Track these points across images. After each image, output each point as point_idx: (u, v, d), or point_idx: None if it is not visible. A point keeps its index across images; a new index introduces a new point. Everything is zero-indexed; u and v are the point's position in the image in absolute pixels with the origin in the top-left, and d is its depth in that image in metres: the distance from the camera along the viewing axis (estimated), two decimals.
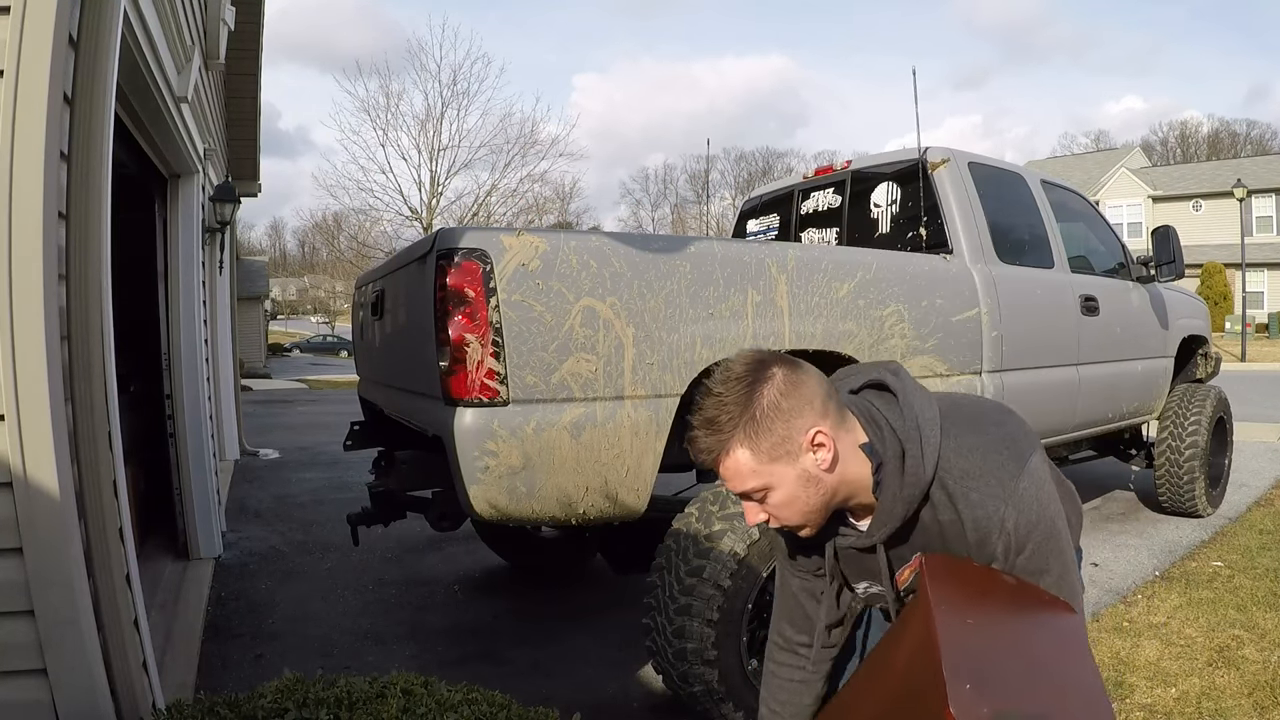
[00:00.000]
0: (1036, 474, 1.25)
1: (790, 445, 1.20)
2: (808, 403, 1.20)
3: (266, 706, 1.54)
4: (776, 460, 1.20)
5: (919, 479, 1.24)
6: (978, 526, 1.23)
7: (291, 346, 40.94)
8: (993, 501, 1.22)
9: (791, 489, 1.23)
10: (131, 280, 3.87)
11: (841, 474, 1.25)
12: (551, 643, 3.44)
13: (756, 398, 1.18)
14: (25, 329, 1.63)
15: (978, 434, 1.27)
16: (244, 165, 8.94)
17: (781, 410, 1.19)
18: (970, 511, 1.23)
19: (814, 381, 1.23)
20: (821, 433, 1.21)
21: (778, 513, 1.27)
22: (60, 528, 1.69)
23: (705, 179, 53.83)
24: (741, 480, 1.23)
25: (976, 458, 1.24)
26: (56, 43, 1.65)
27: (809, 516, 1.28)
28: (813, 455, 1.21)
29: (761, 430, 1.19)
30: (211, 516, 4.46)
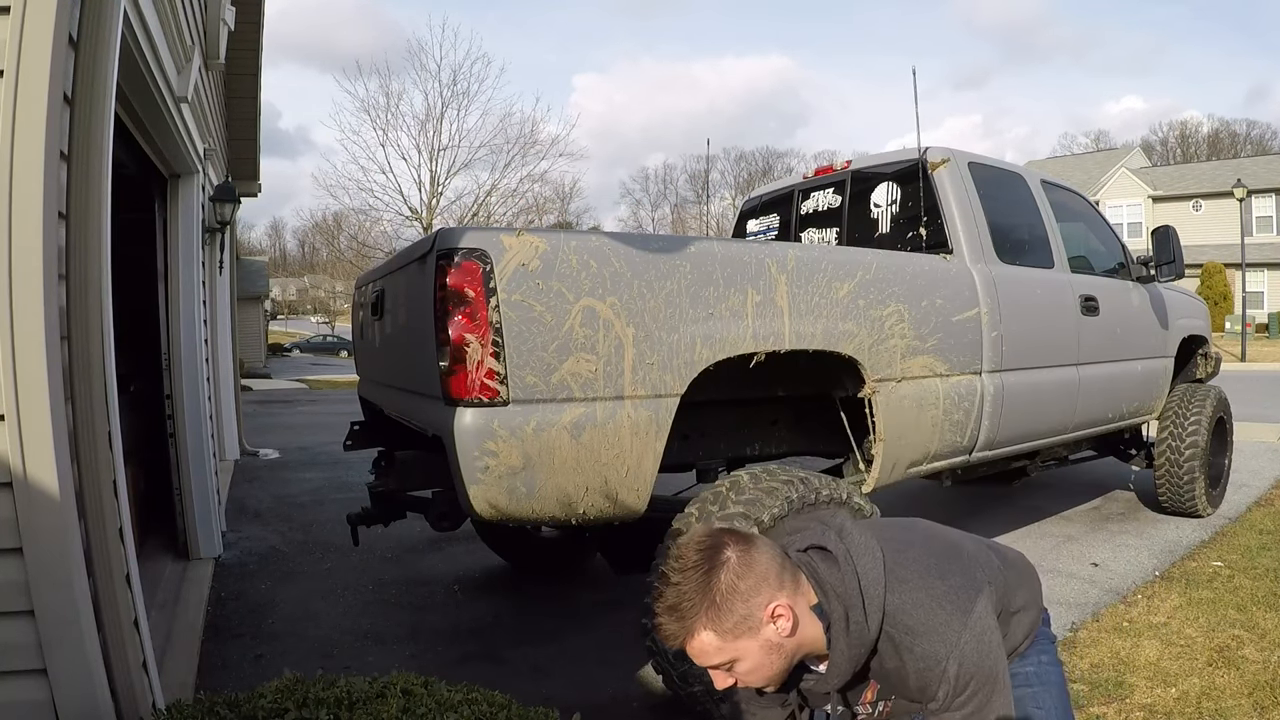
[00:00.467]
0: (979, 625, 1.32)
1: (751, 621, 1.28)
2: (763, 580, 1.29)
3: (266, 706, 1.54)
4: (740, 637, 1.28)
5: (864, 639, 1.32)
6: (921, 676, 1.32)
7: (291, 346, 40.92)
8: (935, 654, 1.30)
9: (756, 658, 1.30)
10: (131, 280, 3.87)
11: (800, 636, 1.33)
12: (551, 643, 3.44)
13: (714, 584, 1.26)
14: (25, 329, 1.63)
15: (923, 589, 1.34)
16: (244, 165, 8.94)
17: (739, 591, 1.26)
18: (915, 664, 1.31)
19: (766, 557, 1.31)
20: (780, 605, 1.29)
21: (745, 679, 1.34)
22: (60, 528, 1.69)
23: (705, 179, 53.87)
24: (708, 658, 1.30)
25: (921, 614, 1.32)
26: (56, 43, 1.65)
27: (773, 679, 1.36)
28: (773, 625, 1.29)
29: (723, 613, 1.26)
30: (211, 516, 4.46)
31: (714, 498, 2.58)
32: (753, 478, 2.63)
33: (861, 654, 1.33)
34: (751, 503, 2.51)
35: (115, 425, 2.04)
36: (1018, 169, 4.30)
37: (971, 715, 1.33)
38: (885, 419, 3.05)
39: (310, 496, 6.37)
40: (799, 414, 3.41)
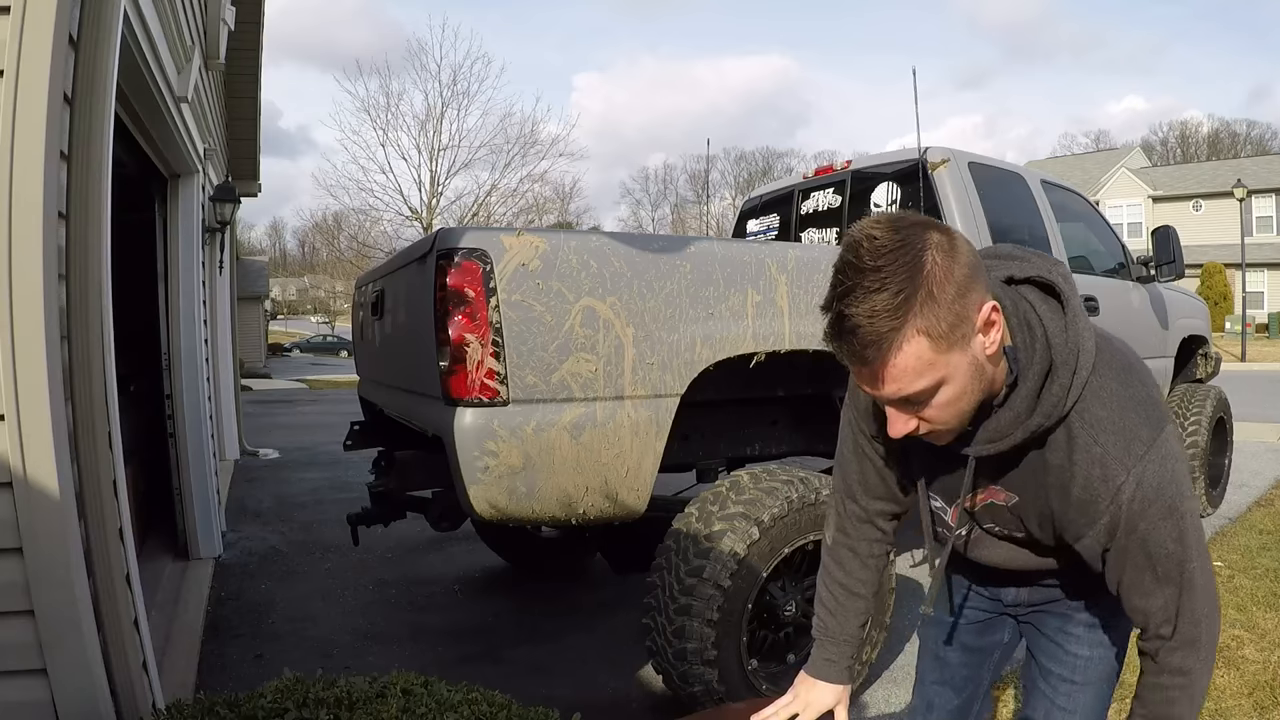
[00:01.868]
0: (1169, 448, 1.04)
1: (965, 327, 0.93)
2: (974, 271, 0.94)
3: (266, 706, 1.54)
4: (953, 347, 0.93)
5: (1053, 411, 1.02)
6: (1088, 486, 1.04)
7: (291, 346, 40.94)
8: (1114, 464, 1.02)
9: (963, 382, 0.97)
10: (131, 280, 3.87)
11: (997, 368, 1.01)
12: (551, 642, 3.44)
13: (925, 272, 0.90)
14: (25, 329, 1.63)
15: (1124, 384, 1.06)
16: (244, 165, 8.94)
17: (955, 282, 0.91)
18: (1086, 467, 1.03)
19: (971, 250, 0.97)
20: (995, 308, 0.96)
21: (936, 416, 1.00)
22: (60, 528, 1.69)
23: (705, 179, 53.85)
24: (910, 380, 0.94)
25: (1114, 408, 1.04)
26: (56, 43, 1.65)
27: (964, 418, 1.03)
28: (984, 337, 0.96)
29: (940, 309, 0.90)
30: (211, 516, 4.46)
31: (714, 498, 2.58)
32: (753, 478, 2.63)
33: (1040, 427, 1.03)
34: (751, 503, 2.51)
35: (115, 425, 2.04)
36: (1018, 169, 4.30)
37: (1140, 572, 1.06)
38: None
39: (310, 496, 6.37)
40: (799, 414, 3.40)
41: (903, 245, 0.90)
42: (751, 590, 2.48)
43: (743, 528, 2.45)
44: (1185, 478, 1.06)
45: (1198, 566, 1.06)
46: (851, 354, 0.94)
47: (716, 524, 2.48)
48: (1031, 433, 1.04)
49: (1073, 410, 1.04)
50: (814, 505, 2.58)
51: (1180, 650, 1.08)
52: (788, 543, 2.55)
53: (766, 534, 2.48)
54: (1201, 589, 1.07)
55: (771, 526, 2.49)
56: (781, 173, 48.46)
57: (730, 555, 2.42)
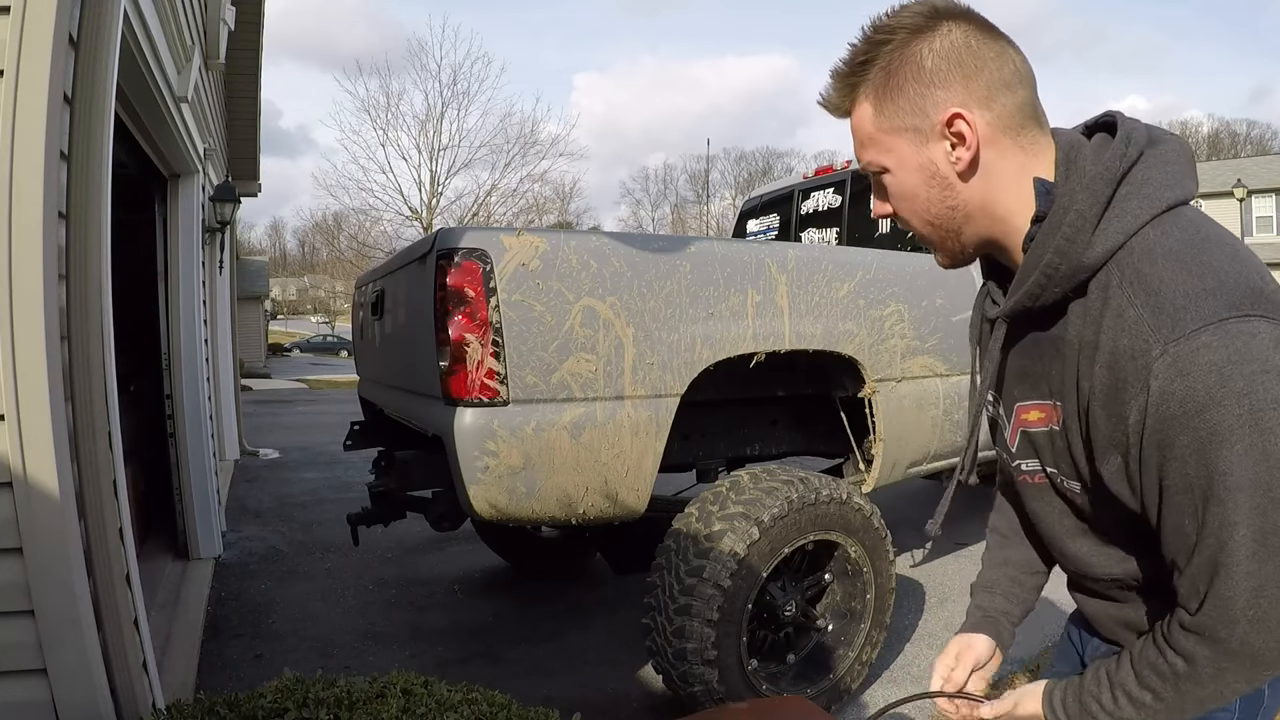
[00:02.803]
0: (1251, 343, 0.74)
1: (920, 120, 0.88)
2: (964, 77, 0.87)
3: (266, 706, 1.54)
4: (898, 132, 0.90)
5: (1077, 250, 0.84)
6: (1116, 360, 0.80)
7: (291, 346, 40.94)
8: (1149, 334, 0.77)
9: (909, 179, 0.92)
10: (131, 280, 3.87)
11: (987, 197, 0.90)
12: (551, 642, 3.44)
13: (905, 51, 0.88)
14: (25, 329, 1.63)
15: (1197, 248, 0.81)
16: (244, 165, 8.94)
17: (924, 72, 0.87)
18: (1114, 335, 0.80)
19: (995, 60, 0.88)
20: (962, 119, 0.87)
21: (896, 206, 0.96)
22: (60, 528, 1.69)
23: (705, 179, 53.84)
24: (859, 145, 0.96)
25: (1168, 267, 0.80)
26: (56, 43, 1.65)
27: (931, 230, 0.96)
28: (945, 146, 0.89)
29: (891, 88, 0.89)
30: (211, 516, 4.46)
31: (714, 498, 2.58)
32: (753, 478, 2.63)
33: (1058, 272, 0.85)
34: (751, 503, 2.51)
35: (115, 425, 2.04)
36: None
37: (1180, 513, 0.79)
38: (885, 419, 3.05)
39: (310, 496, 6.37)
40: (799, 414, 3.41)
41: (912, 23, 0.89)
42: (751, 590, 2.48)
43: (743, 528, 2.45)
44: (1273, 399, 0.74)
45: (1249, 536, 0.75)
46: (826, 105, 0.97)
47: (716, 524, 2.48)
48: (1048, 276, 0.86)
49: (1113, 262, 0.83)
50: (814, 505, 2.58)
51: (1195, 637, 0.81)
52: (788, 543, 2.55)
53: (766, 534, 2.48)
54: (1245, 575, 0.76)
55: (771, 526, 2.49)
56: (781, 173, 48.46)
57: (730, 555, 2.42)
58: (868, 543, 2.76)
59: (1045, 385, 0.93)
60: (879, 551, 2.79)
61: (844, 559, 2.78)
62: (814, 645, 2.79)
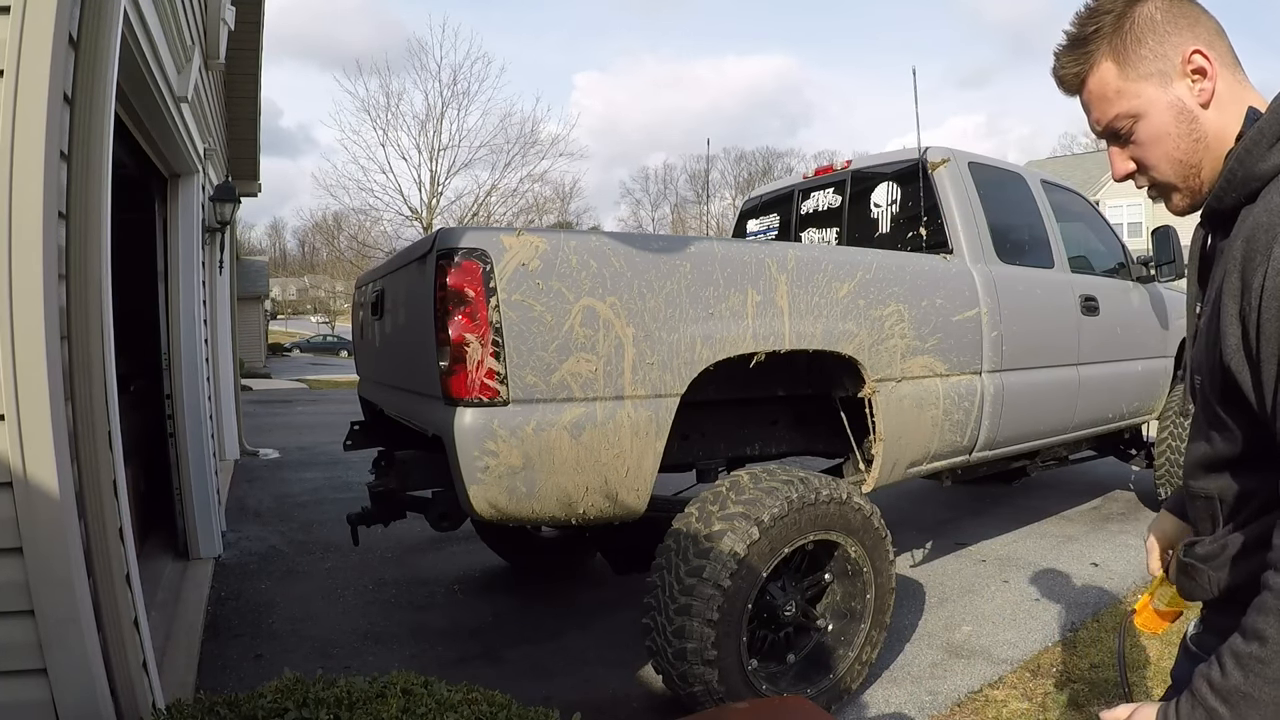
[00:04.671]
0: None
1: (1163, 63, 1.02)
2: (1190, 24, 1.02)
3: (266, 706, 1.54)
4: (1146, 79, 1.02)
5: (1253, 160, 0.96)
6: (1253, 234, 0.91)
7: (291, 346, 40.95)
8: None
9: (1161, 120, 1.03)
10: (131, 280, 3.87)
11: (1220, 124, 1.02)
12: (551, 642, 3.44)
13: (1132, 11, 1.03)
14: (25, 329, 1.63)
15: None
16: (244, 165, 8.94)
17: (1157, 24, 1.02)
18: (1257, 215, 0.92)
19: (1205, 13, 1.04)
20: (1201, 53, 1.01)
21: (1145, 154, 1.06)
22: (60, 528, 1.69)
23: (705, 179, 53.85)
24: (1104, 103, 1.05)
25: None
26: (56, 43, 1.65)
27: (1179, 169, 1.04)
28: (1189, 82, 1.01)
29: (1130, 41, 1.02)
30: (211, 516, 4.46)
31: (714, 498, 2.58)
32: (753, 478, 2.63)
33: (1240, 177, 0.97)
34: (751, 503, 2.51)
35: (115, 425, 2.04)
36: (1018, 169, 4.30)
37: None
38: (885, 419, 3.05)
39: (310, 496, 6.37)
40: (799, 414, 3.41)
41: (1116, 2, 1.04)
42: (751, 590, 2.48)
43: (743, 528, 2.45)
44: None
45: None
46: (1059, 79, 1.09)
47: (716, 524, 2.48)
48: (1229, 180, 0.98)
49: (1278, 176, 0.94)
50: (814, 505, 2.59)
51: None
52: (788, 543, 2.55)
53: (766, 534, 2.48)
54: None
55: (771, 526, 2.49)
56: (782, 173, 48.48)
57: (730, 555, 2.42)
58: (868, 543, 2.76)
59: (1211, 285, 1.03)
60: (879, 551, 2.79)
61: (844, 559, 2.78)
62: (814, 645, 2.79)
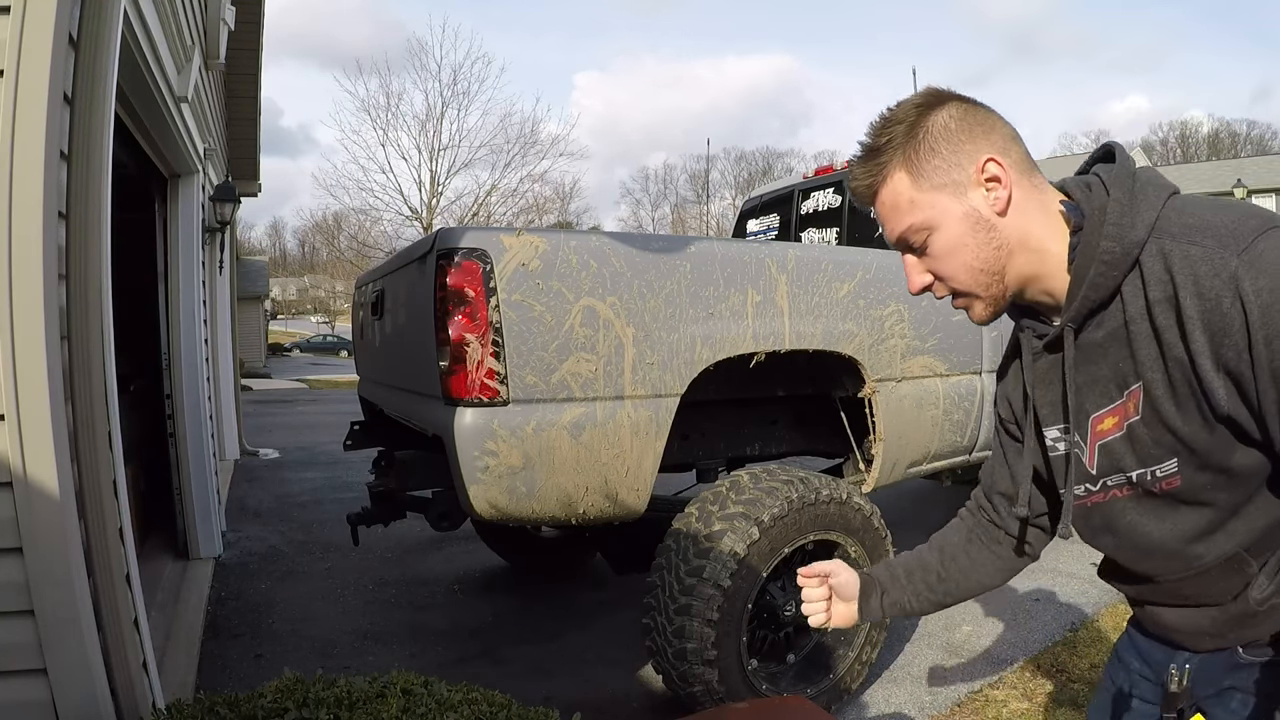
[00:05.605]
0: None
1: (956, 173, 1.00)
2: (984, 132, 1.01)
3: (266, 706, 1.54)
4: (939, 189, 1.00)
5: (1125, 231, 0.93)
6: (1201, 291, 0.87)
7: (291, 346, 40.96)
8: (1219, 252, 0.87)
9: (956, 231, 1.01)
10: (131, 280, 3.87)
11: (1024, 230, 1.00)
12: (551, 642, 3.44)
13: (925, 121, 1.01)
14: (25, 329, 1.63)
15: (1217, 202, 0.95)
16: (244, 165, 8.95)
17: (950, 133, 1.00)
18: (1189, 270, 0.88)
19: (999, 120, 1.03)
20: (995, 162, 0.99)
21: (941, 266, 1.04)
22: (60, 528, 1.69)
23: (705, 179, 53.84)
24: (899, 215, 1.03)
25: (1205, 212, 0.92)
26: (56, 43, 1.65)
27: (978, 278, 1.03)
28: (983, 191, 1.00)
29: (924, 152, 1.00)
30: (211, 516, 4.46)
31: (714, 498, 2.58)
32: (753, 478, 2.63)
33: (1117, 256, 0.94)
34: (751, 503, 2.51)
35: (115, 425, 2.04)
36: None
37: None
38: (885, 419, 3.05)
39: (310, 496, 6.37)
40: (799, 414, 3.41)
41: (916, 103, 1.03)
42: (751, 590, 2.49)
43: (743, 528, 2.45)
44: None
45: None
46: (853, 191, 1.07)
47: (716, 524, 2.48)
48: (1111, 266, 0.94)
49: (1155, 232, 0.93)
50: (814, 505, 2.59)
51: None
52: (788, 543, 2.55)
53: (766, 534, 2.48)
54: None
55: (771, 526, 2.49)
56: (782, 172, 48.46)
57: (730, 555, 2.42)
58: (868, 543, 2.76)
59: (1115, 382, 0.99)
60: (879, 551, 2.79)
61: (844, 559, 2.78)
62: (814, 645, 2.80)
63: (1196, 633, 1.05)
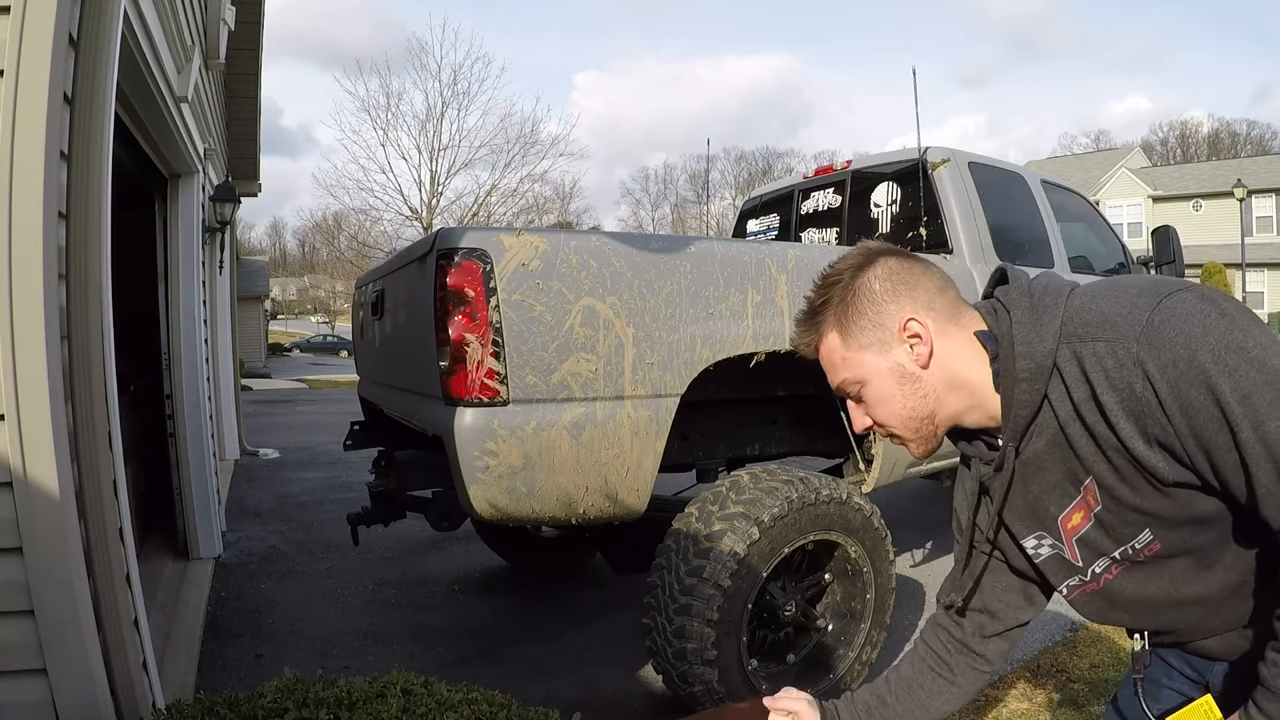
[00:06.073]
0: (1184, 301, 0.90)
1: (881, 334, 1.08)
2: (908, 291, 1.08)
3: (266, 706, 1.54)
4: (865, 349, 1.09)
5: (1034, 346, 0.99)
6: (1114, 383, 0.92)
7: (291, 346, 40.94)
8: (1120, 344, 0.91)
9: (884, 385, 1.10)
10: (131, 280, 3.87)
11: (949, 374, 1.08)
12: (551, 642, 3.44)
13: (855, 284, 1.10)
14: (25, 329, 1.63)
15: (1108, 284, 1.00)
16: (244, 165, 8.95)
17: (875, 295, 1.08)
18: (1099, 366, 0.93)
19: (925, 273, 1.10)
20: (916, 321, 1.07)
21: (875, 413, 1.13)
22: (60, 528, 1.69)
23: (705, 179, 53.84)
24: (834, 369, 1.14)
25: (1102, 303, 0.96)
26: (56, 43, 1.65)
27: (909, 424, 1.12)
28: (906, 348, 1.08)
29: (851, 314, 1.09)
30: (211, 516, 4.46)
31: (714, 498, 2.58)
32: (753, 478, 2.63)
33: (1034, 371, 0.99)
34: (751, 503, 2.51)
35: (115, 425, 2.04)
36: (1018, 169, 4.30)
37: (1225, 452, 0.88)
38: None
39: (310, 496, 6.37)
40: (799, 414, 3.41)
41: (851, 265, 1.11)
42: (751, 590, 2.49)
43: (743, 528, 2.45)
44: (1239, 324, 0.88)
45: None
46: (796, 345, 1.17)
47: (716, 524, 2.48)
48: (1031, 382, 1.00)
49: (1063, 338, 0.98)
50: (814, 505, 2.59)
51: None
52: (788, 543, 2.55)
53: (766, 534, 2.48)
54: None
55: (771, 526, 2.49)
56: (782, 172, 48.46)
57: (730, 555, 2.42)
58: (868, 543, 2.76)
59: (1068, 480, 1.04)
60: (879, 551, 2.79)
61: (844, 559, 2.78)
62: (814, 645, 2.80)
63: (1228, 650, 1.10)
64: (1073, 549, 1.09)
